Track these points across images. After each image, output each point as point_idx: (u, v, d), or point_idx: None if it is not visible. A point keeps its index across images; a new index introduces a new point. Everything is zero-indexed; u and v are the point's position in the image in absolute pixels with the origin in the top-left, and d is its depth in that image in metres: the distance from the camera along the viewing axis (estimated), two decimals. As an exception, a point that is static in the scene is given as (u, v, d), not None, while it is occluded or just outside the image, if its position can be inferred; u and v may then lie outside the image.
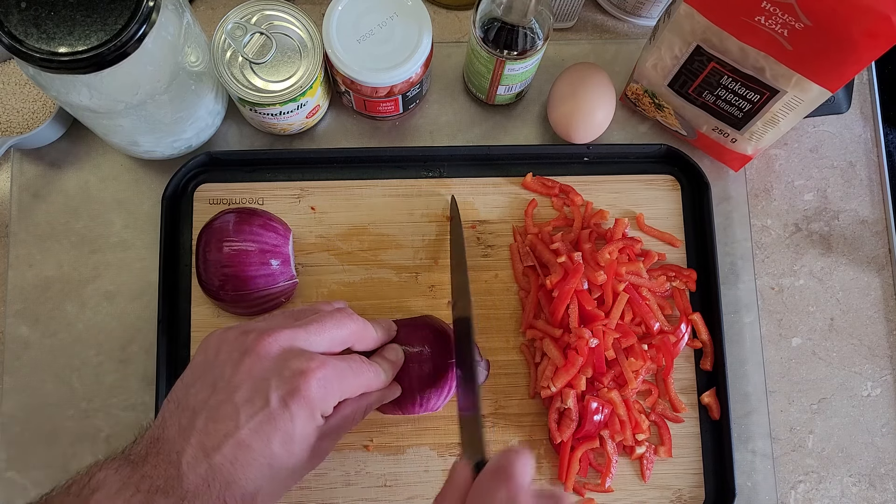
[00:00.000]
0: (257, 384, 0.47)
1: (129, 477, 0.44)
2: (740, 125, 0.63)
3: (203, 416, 0.46)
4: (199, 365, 0.49)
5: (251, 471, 0.45)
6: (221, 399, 0.46)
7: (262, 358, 0.47)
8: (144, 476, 0.44)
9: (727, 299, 0.68)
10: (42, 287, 0.66)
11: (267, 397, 0.46)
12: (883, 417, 0.67)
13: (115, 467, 0.45)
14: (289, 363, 0.47)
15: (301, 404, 0.46)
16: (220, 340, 0.50)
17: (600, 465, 0.63)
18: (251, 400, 0.46)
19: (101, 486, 0.44)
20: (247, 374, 0.47)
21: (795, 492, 0.66)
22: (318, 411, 0.48)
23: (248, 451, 0.45)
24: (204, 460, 0.45)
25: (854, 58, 0.51)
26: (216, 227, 0.61)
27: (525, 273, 0.67)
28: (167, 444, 0.46)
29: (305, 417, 0.47)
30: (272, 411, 0.46)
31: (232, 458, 0.45)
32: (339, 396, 0.50)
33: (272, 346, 0.48)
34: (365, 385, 0.52)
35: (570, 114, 0.66)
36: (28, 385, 0.64)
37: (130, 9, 0.49)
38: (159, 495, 0.44)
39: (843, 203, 0.71)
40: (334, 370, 0.49)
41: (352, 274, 0.66)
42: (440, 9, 0.73)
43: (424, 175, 0.68)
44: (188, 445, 0.45)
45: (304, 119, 0.66)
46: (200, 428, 0.46)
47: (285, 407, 0.46)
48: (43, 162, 0.68)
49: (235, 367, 0.47)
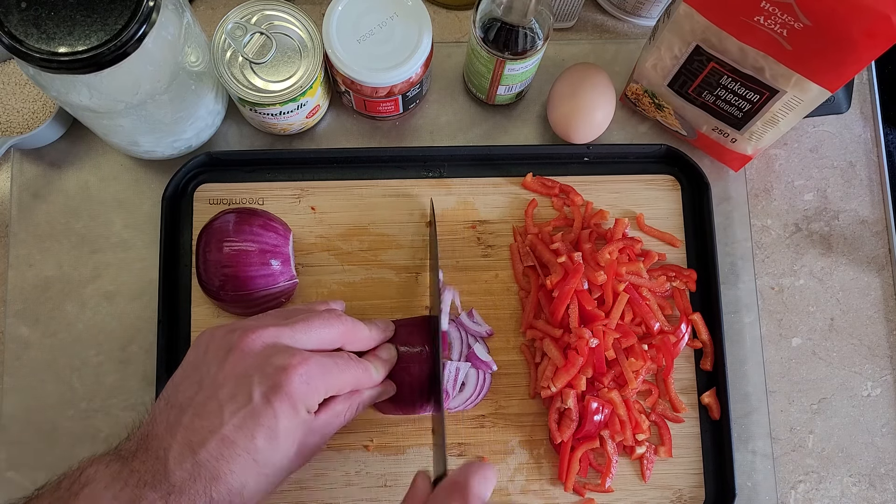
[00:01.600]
0: (241, 381, 0.48)
1: (118, 472, 0.45)
2: (740, 125, 0.63)
3: (189, 413, 0.47)
4: (189, 363, 0.50)
5: (236, 466, 0.46)
6: (207, 396, 0.48)
7: (245, 355, 0.48)
8: (133, 471, 0.45)
9: (727, 299, 0.68)
10: (42, 287, 0.66)
11: (250, 393, 0.47)
12: (883, 417, 0.67)
13: (105, 462, 0.46)
14: (271, 360, 0.48)
15: (283, 400, 0.47)
16: (208, 339, 0.51)
17: (600, 465, 0.63)
18: (234, 396, 0.47)
19: (90, 481, 0.45)
20: (230, 371, 0.48)
21: (795, 492, 0.66)
22: (302, 406, 0.48)
23: (233, 447, 0.46)
24: (189, 456, 0.46)
25: (854, 57, 0.51)
26: (216, 227, 0.61)
27: (525, 273, 0.67)
28: (155, 440, 0.47)
29: (288, 413, 0.47)
30: (255, 407, 0.47)
31: (216, 454, 0.46)
32: (324, 392, 0.50)
33: (255, 342, 0.49)
34: (353, 382, 0.52)
35: (569, 114, 0.66)
36: (28, 385, 0.64)
37: (130, 9, 0.49)
38: (147, 489, 0.44)
39: (843, 203, 0.71)
40: (317, 365, 0.49)
41: (352, 274, 0.66)
42: (440, 9, 0.73)
43: (424, 175, 0.68)
44: (174, 442, 0.46)
45: (304, 119, 0.66)
46: (186, 424, 0.47)
47: (268, 403, 0.47)
48: (43, 162, 0.68)
49: (220, 365, 0.48)
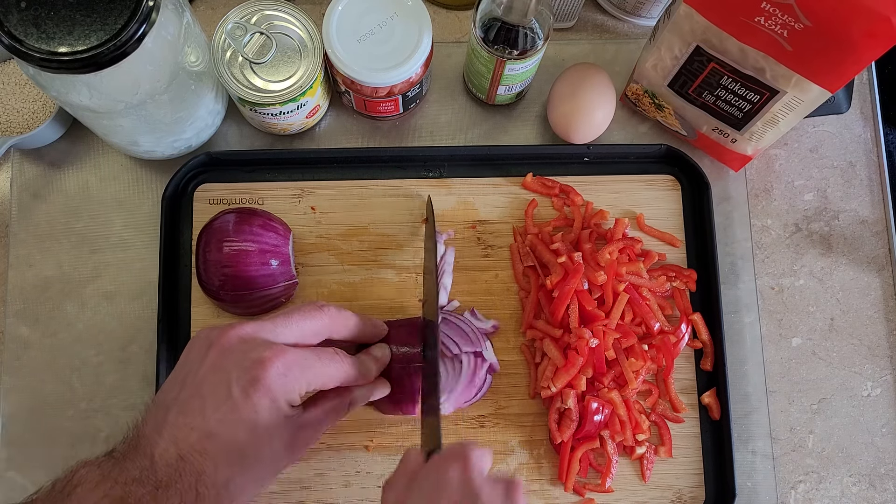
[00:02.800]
0: (221, 376, 0.48)
1: (109, 471, 0.46)
2: (740, 125, 0.63)
3: (174, 411, 0.48)
4: (177, 365, 0.51)
5: (220, 460, 0.47)
6: (190, 394, 0.49)
7: (224, 350, 0.49)
8: (123, 470, 0.46)
9: (727, 299, 0.68)
10: (42, 287, 0.66)
11: (229, 388, 0.48)
12: (883, 417, 0.67)
13: (97, 464, 0.47)
14: (249, 354, 0.49)
15: (262, 393, 0.48)
16: (195, 339, 0.52)
17: (600, 465, 0.63)
18: (215, 391, 0.48)
19: (82, 482, 0.46)
20: (210, 368, 0.49)
21: (795, 492, 0.66)
22: (282, 400, 0.49)
23: (216, 442, 0.47)
24: (175, 452, 0.47)
25: (854, 58, 0.51)
26: (216, 227, 0.61)
27: (525, 273, 0.67)
28: (144, 439, 0.48)
29: (268, 406, 0.48)
30: (235, 401, 0.47)
31: (200, 449, 0.47)
32: (305, 385, 0.50)
33: (233, 338, 0.50)
34: (339, 376, 0.52)
35: (569, 114, 0.66)
36: (28, 385, 0.64)
37: (130, 8, 0.49)
38: (135, 485, 0.46)
39: (843, 203, 0.71)
40: (296, 358, 0.49)
41: (352, 274, 0.66)
42: (440, 9, 0.73)
43: (424, 175, 0.68)
44: (161, 439, 0.47)
45: (304, 119, 0.66)
46: (171, 422, 0.48)
47: (246, 396, 0.47)
48: (43, 162, 0.68)
49: (202, 362, 0.49)
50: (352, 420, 0.63)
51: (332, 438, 0.63)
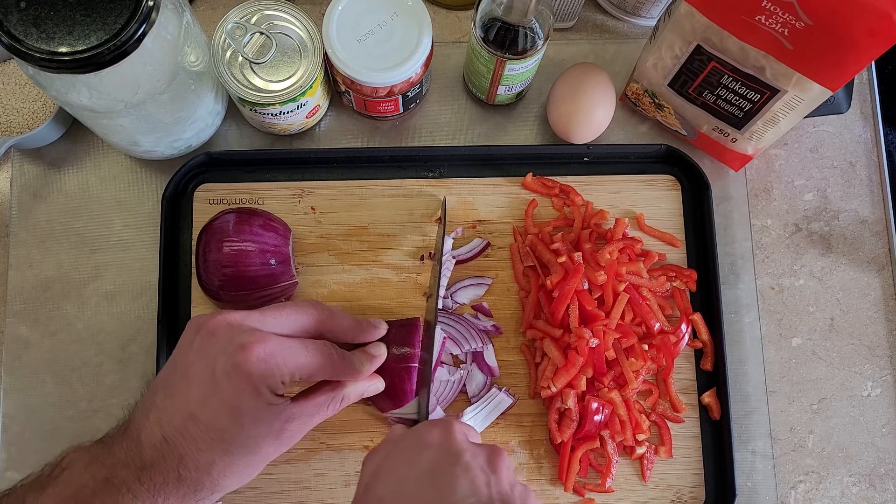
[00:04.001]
0: (206, 360, 0.49)
1: (97, 455, 0.47)
2: (740, 125, 0.63)
3: (161, 394, 0.49)
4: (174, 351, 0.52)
5: (203, 444, 0.48)
6: (177, 378, 0.50)
7: (211, 335, 0.50)
8: (111, 453, 0.47)
9: (727, 299, 0.68)
10: (42, 287, 0.66)
11: (213, 372, 0.48)
12: (883, 417, 0.67)
13: (86, 449, 0.48)
14: (234, 338, 0.49)
15: (242, 377, 0.48)
16: (188, 325, 0.52)
17: (600, 465, 0.63)
18: (200, 375, 0.49)
19: (71, 465, 0.47)
20: (197, 352, 0.50)
21: (795, 492, 0.66)
22: (263, 386, 0.49)
23: (198, 425, 0.48)
24: (159, 434, 0.48)
25: (855, 57, 0.51)
26: (216, 227, 0.61)
27: (525, 273, 0.66)
28: (133, 423, 0.49)
29: (248, 391, 0.48)
30: (217, 384, 0.48)
31: (183, 431, 0.48)
32: (287, 373, 0.50)
33: (221, 323, 0.50)
34: (326, 369, 0.53)
35: (569, 114, 0.66)
36: (28, 385, 0.64)
37: (130, 8, 0.49)
38: (120, 467, 0.47)
39: (843, 203, 0.71)
40: (280, 346, 0.50)
41: (352, 274, 0.66)
42: (440, 9, 0.73)
43: (424, 175, 0.68)
44: (147, 422, 0.48)
45: (304, 119, 0.66)
46: (158, 405, 0.49)
47: (228, 380, 0.48)
48: (43, 162, 0.68)
49: (189, 346, 0.50)
50: (352, 420, 0.63)
51: (332, 438, 0.63)
